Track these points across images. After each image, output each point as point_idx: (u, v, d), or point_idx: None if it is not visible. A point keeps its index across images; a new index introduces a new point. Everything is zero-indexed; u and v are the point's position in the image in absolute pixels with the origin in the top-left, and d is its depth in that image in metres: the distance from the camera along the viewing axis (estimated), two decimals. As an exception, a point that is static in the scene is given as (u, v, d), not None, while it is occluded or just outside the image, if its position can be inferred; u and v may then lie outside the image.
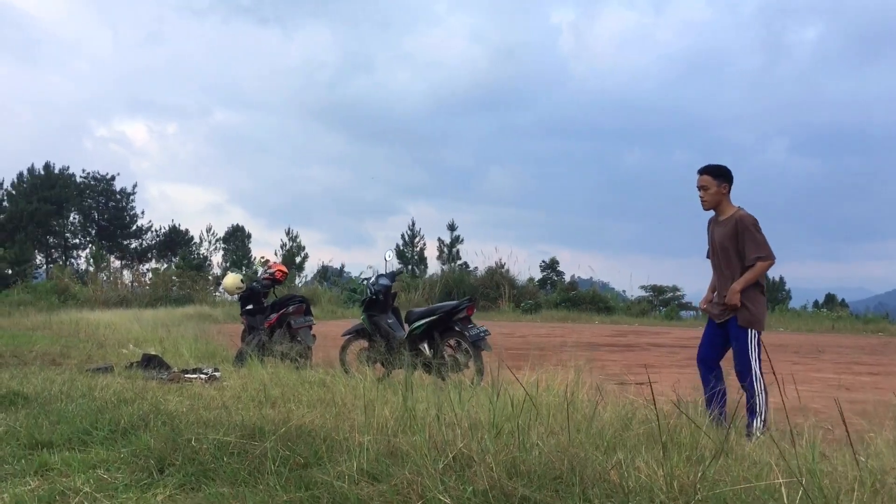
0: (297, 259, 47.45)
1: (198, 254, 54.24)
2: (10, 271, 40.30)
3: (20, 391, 5.73)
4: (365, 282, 9.41)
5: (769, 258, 5.16)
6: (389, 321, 8.39)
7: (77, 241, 56.39)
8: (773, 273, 41.59)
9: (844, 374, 10.12)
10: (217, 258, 53.57)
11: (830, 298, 37.63)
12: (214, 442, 3.70)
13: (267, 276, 10.66)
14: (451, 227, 41.91)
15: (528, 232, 73.35)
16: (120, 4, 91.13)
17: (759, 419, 4.91)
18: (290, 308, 9.77)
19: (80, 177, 55.67)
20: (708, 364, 5.45)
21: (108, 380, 7.07)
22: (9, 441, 4.26)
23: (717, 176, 5.37)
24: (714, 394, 4.98)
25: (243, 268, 48.29)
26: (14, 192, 52.80)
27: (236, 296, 10.82)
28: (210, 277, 44.53)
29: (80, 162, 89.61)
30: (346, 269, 44.46)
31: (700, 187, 5.42)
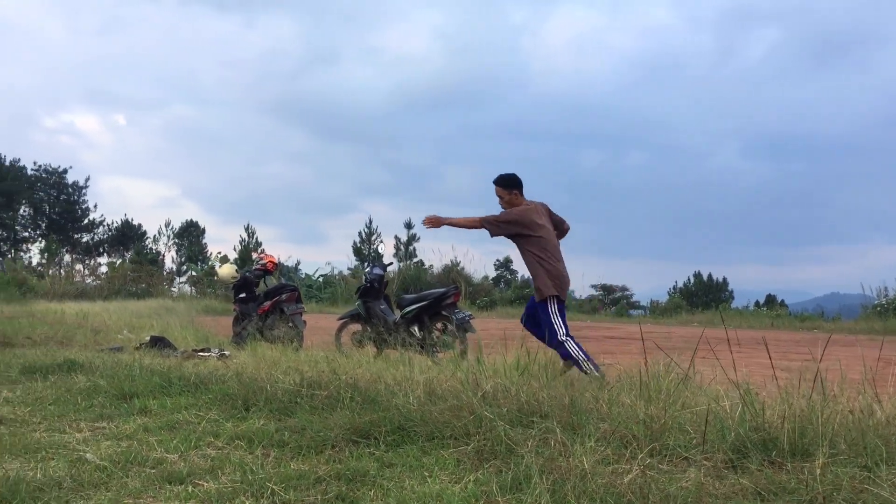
0: (254, 255, 47.76)
1: (151, 249, 54.01)
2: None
3: (74, 360, 6.55)
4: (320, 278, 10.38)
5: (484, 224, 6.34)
6: (382, 307, 9.37)
7: (27, 234, 55.75)
8: (718, 274, 43.38)
9: (781, 360, 11.37)
10: (172, 253, 53.46)
11: (771, 299, 39.49)
12: (284, 389, 4.65)
13: (259, 266, 11.51)
14: (408, 226, 42.81)
15: (484, 232, 74.41)
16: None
17: (587, 365, 5.83)
18: (283, 296, 10.66)
19: (32, 169, 55.07)
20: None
21: (129, 356, 7.90)
22: (98, 394, 5.14)
23: (507, 186, 6.39)
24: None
25: (198, 263, 48.46)
26: (-37, 184, 52.02)
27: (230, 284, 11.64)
28: (165, 273, 44.74)
29: (30, 154, 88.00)
30: (300, 267, 45.01)
31: (498, 196, 6.46)
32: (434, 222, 6.32)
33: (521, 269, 41.41)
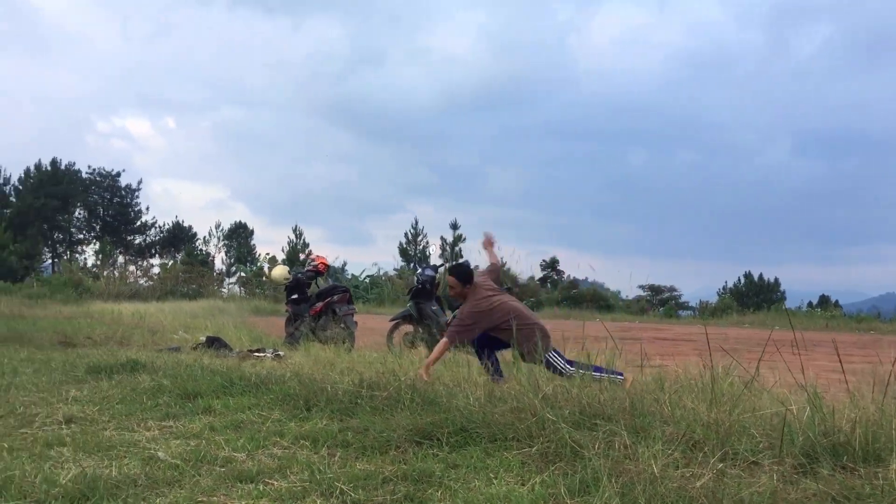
0: (301, 256, 48.32)
1: (201, 250, 54.87)
2: (19, 265, 41.07)
3: (137, 360, 6.71)
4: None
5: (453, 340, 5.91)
6: (433, 308, 9.41)
7: (82, 236, 57.13)
8: (769, 274, 42.63)
9: (838, 363, 11.12)
10: (222, 255, 54.33)
11: (824, 300, 38.71)
12: (344, 390, 4.71)
13: (311, 268, 11.66)
14: (454, 226, 42.90)
15: (529, 232, 74.20)
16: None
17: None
18: (335, 297, 10.77)
19: (86, 173, 56.39)
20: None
21: (187, 356, 8.07)
22: (162, 393, 5.25)
23: (462, 279, 6.14)
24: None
25: (247, 264, 49.18)
26: (21, 188, 53.52)
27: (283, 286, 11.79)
28: (215, 274, 45.51)
29: (85, 157, 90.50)
30: (346, 268, 45.37)
31: (449, 286, 6.27)
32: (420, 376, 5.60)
33: (568, 270, 41.25)
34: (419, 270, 9.93)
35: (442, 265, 11.20)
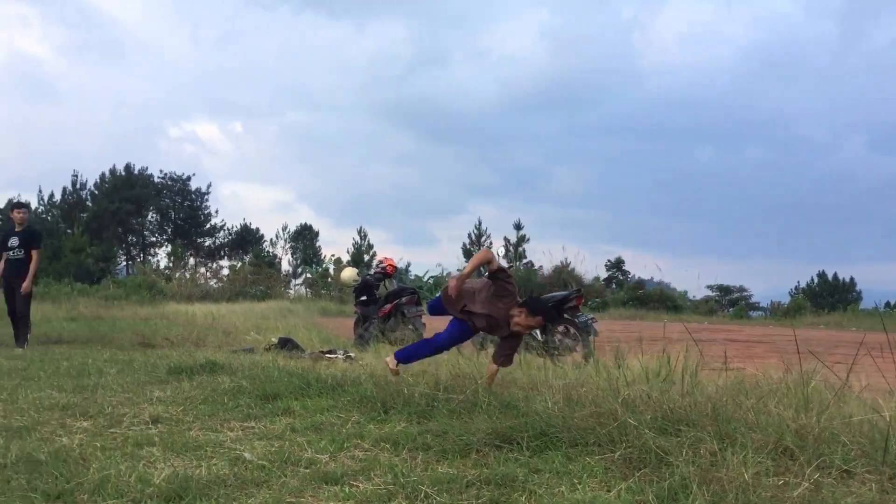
0: (366, 257, 48.83)
1: (268, 252, 55.87)
2: (95, 268, 42.51)
3: (215, 361, 6.87)
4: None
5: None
6: (502, 310, 9.38)
7: (154, 239, 58.79)
8: (844, 273, 41.37)
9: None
10: (288, 256, 55.27)
11: (903, 300, 37.39)
12: (421, 392, 4.74)
13: (379, 269, 11.78)
14: (518, 227, 42.78)
15: (593, 232, 73.23)
16: (197, 4, 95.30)
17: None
18: (404, 298, 10.86)
19: (158, 177, 58.03)
20: None
21: (262, 357, 8.23)
22: (242, 394, 5.36)
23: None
24: None
25: (313, 265, 49.92)
26: (97, 193, 55.38)
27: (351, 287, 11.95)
28: (282, 275, 46.35)
29: (157, 162, 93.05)
30: (410, 269, 45.68)
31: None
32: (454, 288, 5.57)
33: (634, 270, 40.74)
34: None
35: (509, 266, 11.17)
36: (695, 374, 4.53)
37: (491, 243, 46.26)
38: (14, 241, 9.91)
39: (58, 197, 54.16)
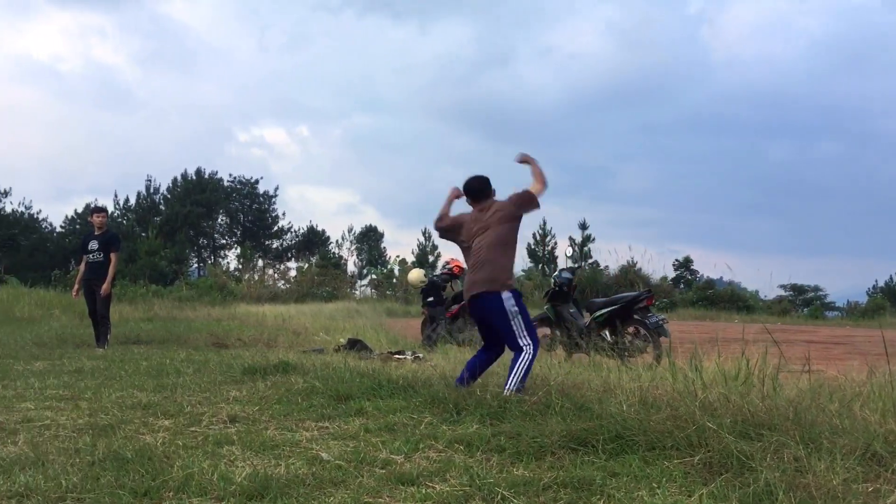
0: (430, 258, 49.04)
1: (334, 253, 56.59)
2: (168, 270, 43.70)
3: (288, 362, 6.99)
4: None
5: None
6: (571, 310, 9.33)
7: (224, 241, 60.14)
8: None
9: None
10: (354, 258, 55.91)
11: None
12: (493, 394, 4.74)
13: (446, 271, 11.81)
14: (583, 226, 42.40)
15: (661, 231, 72.03)
16: (265, 10, 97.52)
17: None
18: (471, 299, 10.85)
19: (227, 181, 59.34)
20: None
21: (332, 358, 8.34)
22: (315, 394, 5.44)
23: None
24: None
25: (378, 266, 50.37)
26: (169, 196, 56.96)
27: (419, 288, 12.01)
28: (348, 276, 46.90)
29: (226, 166, 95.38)
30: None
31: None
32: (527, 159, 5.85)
33: (703, 269, 39.94)
34: (556, 273, 9.88)
35: (578, 267, 11.09)
36: (775, 376, 4.41)
37: (555, 243, 45.95)
38: (94, 245, 10.24)
39: (133, 202, 55.93)
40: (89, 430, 4.32)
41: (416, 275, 12.20)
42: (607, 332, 8.69)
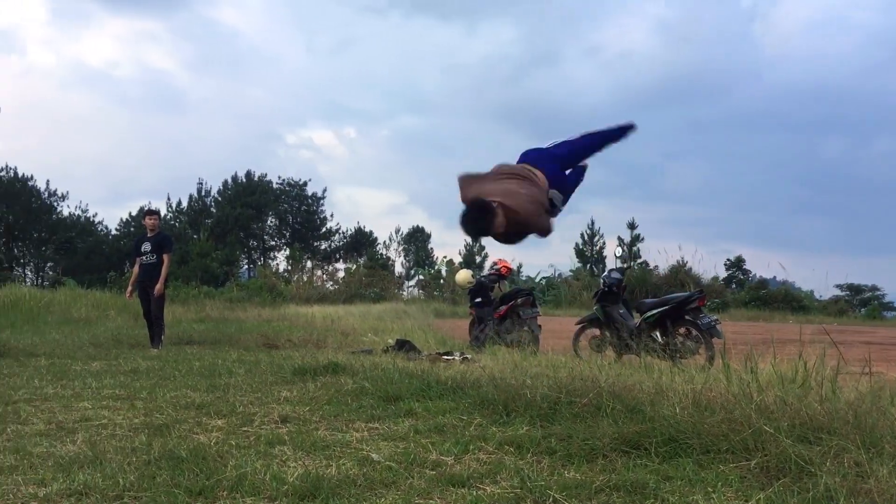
0: (478, 259, 49.01)
1: (382, 254, 56.91)
2: (220, 271, 44.43)
3: (337, 362, 7.04)
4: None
5: None
6: (621, 311, 9.24)
7: (273, 243, 60.93)
8: None
9: None
10: (401, 259, 56.16)
11: None
12: (543, 395, 4.70)
13: (493, 271, 11.80)
14: (632, 226, 41.92)
15: (712, 230, 70.86)
16: (312, 13, 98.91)
17: None
18: (519, 300, 10.83)
19: (276, 183, 60.13)
20: None
21: (381, 359, 8.38)
22: (365, 395, 5.47)
23: None
24: None
25: (425, 267, 50.51)
26: (220, 199, 57.92)
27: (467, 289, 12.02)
28: (396, 277, 47.16)
29: (275, 168, 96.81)
30: (522, 269, 45.54)
31: None
32: None
33: (755, 269, 39.21)
34: (605, 273, 9.79)
35: (627, 267, 10.98)
36: (833, 378, 4.29)
37: (604, 243, 45.55)
38: (147, 247, 10.45)
39: (185, 204, 56.99)
40: (145, 429, 4.40)
41: (463, 276, 12.19)
42: (658, 333, 8.57)
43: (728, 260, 40.15)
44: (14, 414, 4.89)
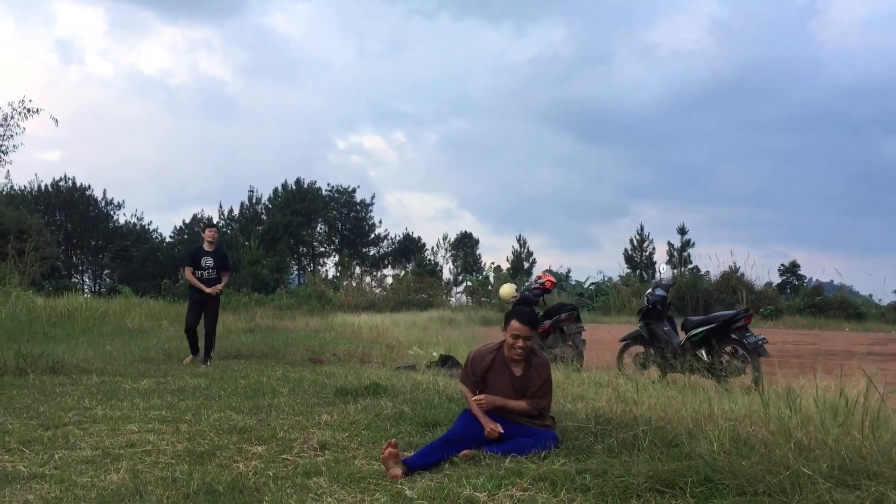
0: (525, 264, 48.88)
1: (430, 260, 57.14)
2: (270, 278, 45.06)
3: (379, 383, 7.10)
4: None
5: None
6: (665, 328, 9.13)
7: (323, 249, 61.65)
8: None
9: None
10: (449, 265, 56.29)
11: None
12: (578, 427, 4.69)
13: (537, 285, 11.73)
14: (682, 231, 41.40)
15: (765, 233, 69.55)
16: (361, 17, 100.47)
17: None
18: (563, 315, 10.76)
19: (326, 190, 60.90)
20: None
21: (423, 376, 8.42)
22: (403, 420, 5.52)
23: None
24: None
25: (473, 273, 50.52)
26: (271, 206, 58.82)
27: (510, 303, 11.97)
28: (444, 283, 47.26)
29: (325, 174, 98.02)
30: (570, 275, 45.26)
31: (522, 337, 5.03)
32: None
33: (811, 273, 38.38)
34: (649, 290, 9.67)
35: (673, 283, 10.84)
36: (876, 414, 4.17)
37: (653, 248, 45.03)
38: (208, 262, 10.56)
39: (236, 211, 58.04)
40: (187, 456, 4.50)
41: (507, 290, 12.15)
42: (703, 352, 8.45)
43: (782, 265, 39.43)
44: (63, 438, 5.04)
